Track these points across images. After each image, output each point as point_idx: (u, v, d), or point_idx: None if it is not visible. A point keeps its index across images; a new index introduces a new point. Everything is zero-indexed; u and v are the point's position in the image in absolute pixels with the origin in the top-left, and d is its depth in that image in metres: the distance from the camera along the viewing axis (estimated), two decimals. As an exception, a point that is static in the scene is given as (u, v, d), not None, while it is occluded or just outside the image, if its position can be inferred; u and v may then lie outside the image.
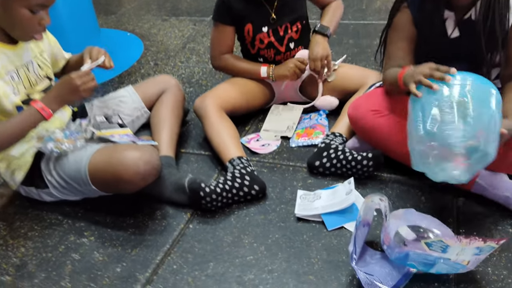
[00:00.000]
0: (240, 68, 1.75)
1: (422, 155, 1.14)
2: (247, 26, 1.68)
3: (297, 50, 1.75)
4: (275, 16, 1.68)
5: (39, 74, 1.42)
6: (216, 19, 1.71)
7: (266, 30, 1.68)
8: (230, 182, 1.37)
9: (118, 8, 3.43)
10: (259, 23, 1.68)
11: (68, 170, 1.34)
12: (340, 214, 1.30)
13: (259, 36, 1.69)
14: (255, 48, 1.74)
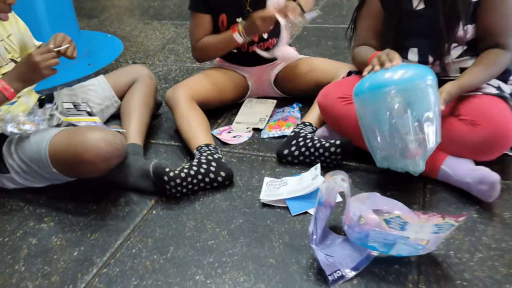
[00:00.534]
0: (215, 42, 1.69)
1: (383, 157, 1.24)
2: (221, 16, 1.68)
3: (271, 41, 1.75)
4: (250, 9, 1.68)
5: (5, 57, 1.40)
6: (192, 9, 1.71)
7: (240, 20, 1.68)
8: (196, 168, 1.35)
9: (102, 13, 3.44)
10: (233, 14, 1.68)
11: (29, 152, 1.32)
12: (304, 199, 1.28)
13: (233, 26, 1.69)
14: None
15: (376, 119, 1.19)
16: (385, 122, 1.16)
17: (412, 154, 1.17)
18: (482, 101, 1.26)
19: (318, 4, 3.17)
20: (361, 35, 1.46)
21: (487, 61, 1.28)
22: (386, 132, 1.17)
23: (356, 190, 1.31)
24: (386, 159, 1.23)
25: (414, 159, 1.18)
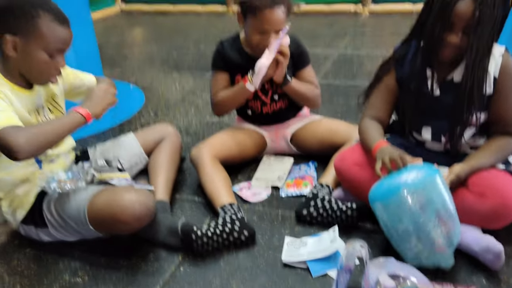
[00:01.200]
0: (231, 94, 1.80)
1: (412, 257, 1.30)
2: (237, 77, 1.82)
3: (282, 101, 1.87)
4: None
5: (48, 117, 1.52)
6: (212, 67, 1.86)
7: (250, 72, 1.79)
8: (221, 227, 1.44)
9: (123, 62, 3.63)
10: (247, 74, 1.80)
11: (68, 210, 1.42)
12: (324, 261, 1.37)
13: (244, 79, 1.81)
14: None
15: (398, 222, 1.26)
16: (408, 223, 1.24)
17: (441, 248, 1.24)
18: (490, 174, 1.36)
19: (329, 60, 3.34)
20: (373, 106, 1.55)
21: (497, 147, 1.39)
22: (412, 233, 1.25)
23: (371, 252, 1.39)
24: (415, 257, 1.29)
25: (444, 253, 1.25)
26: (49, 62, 1.35)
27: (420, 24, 1.39)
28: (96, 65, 2.67)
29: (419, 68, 1.44)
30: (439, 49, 1.36)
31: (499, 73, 1.37)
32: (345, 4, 4.89)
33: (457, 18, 1.28)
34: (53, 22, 1.31)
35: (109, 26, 4.99)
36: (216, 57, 1.85)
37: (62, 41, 1.35)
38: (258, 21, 1.64)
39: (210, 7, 5.35)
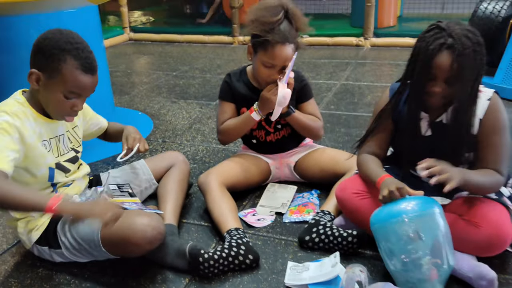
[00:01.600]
0: (236, 123, 1.89)
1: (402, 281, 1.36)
2: (242, 109, 1.92)
3: (285, 130, 1.96)
4: None
5: (67, 146, 1.61)
6: (220, 98, 1.96)
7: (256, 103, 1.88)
8: (227, 250, 1.51)
9: (132, 89, 3.75)
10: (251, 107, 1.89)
11: (82, 232, 1.49)
12: (325, 285, 1.42)
13: None
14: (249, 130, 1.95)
15: (393, 246, 1.33)
16: (402, 248, 1.31)
17: (433, 276, 1.30)
18: (483, 203, 1.44)
19: (331, 90, 3.45)
20: (370, 142, 1.63)
21: (485, 172, 1.45)
22: (404, 257, 1.31)
23: (370, 277, 1.45)
24: (406, 282, 1.35)
25: (432, 282, 1.30)
26: (65, 102, 1.45)
27: (409, 73, 1.47)
28: (108, 93, 2.78)
29: (411, 112, 1.51)
30: (426, 98, 1.46)
31: (484, 115, 1.45)
32: (347, 37, 5.05)
33: (437, 70, 1.37)
34: (76, 69, 1.41)
35: (118, 54, 5.15)
36: (224, 88, 1.95)
37: (81, 88, 1.45)
38: (268, 56, 1.73)
39: (216, 37, 5.52)
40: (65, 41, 1.41)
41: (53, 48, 1.40)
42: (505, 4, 3.27)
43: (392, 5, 5.30)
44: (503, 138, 1.46)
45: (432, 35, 1.39)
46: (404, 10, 6.24)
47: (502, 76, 3.17)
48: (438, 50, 1.36)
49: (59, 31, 1.44)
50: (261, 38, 1.72)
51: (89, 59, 1.44)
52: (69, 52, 1.40)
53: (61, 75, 1.41)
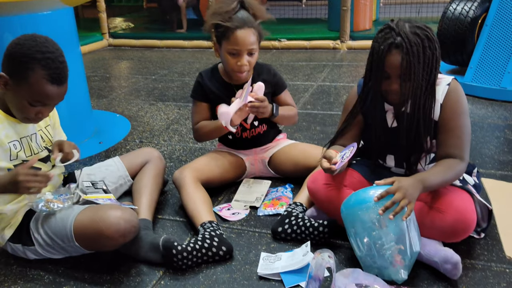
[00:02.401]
0: (210, 129, 1.92)
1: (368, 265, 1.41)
2: (218, 106, 1.93)
3: (261, 127, 2.01)
4: None
5: (40, 144, 1.61)
6: (192, 96, 2.00)
7: None
8: (200, 242, 1.53)
9: (110, 93, 3.75)
10: (228, 104, 1.92)
11: (55, 227, 1.49)
12: (297, 273, 1.46)
13: None
14: None
15: (359, 231, 1.38)
16: (368, 233, 1.36)
17: (393, 263, 1.34)
18: (447, 191, 1.48)
19: (308, 91, 3.51)
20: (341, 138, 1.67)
21: (446, 165, 1.47)
22: (368, 242, 1.36)
23: (341, 266, 1.49)
24: (370, 267, 1.40)
25: (396, 268, 1.35)
26: (29, 109, 1.45)
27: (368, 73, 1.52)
28: (84, 96, 2.78)
29: (376, 107, 1.57)
30: (385, 95, 1.52)
31: (443, 99, 1.50)
32: (324, 40, 5.13)
33: (389, 68, 1.43)
34: (43, 79, 1.40)
35: (97, 59, 5.14)
36: (196, 88, 1.98)
37: (46, 97, 1.43)
38: (231, 42, 1.79)
39: (195, 42, 5.55)
40: (37, 50, 1.39)
41: (23, 56, 1.39)
42: (473, 4, 3.38)
43: (368, 9, 5.42)
44: (464, 121, 1.50)
45: (383, 35, 1.44)
46: (380, 14, 6.37)
47: (472, 75, 3.27)
48: (388, 50, 1.41)
49: (33, 38, 1.42)
50: (221, 28, 1.79)
51: (58, 69, 1.42)
52: (38, 61, 1.39)
53: (27, 83, 1.40)
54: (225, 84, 1.94)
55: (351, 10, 5.02)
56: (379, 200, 1.34)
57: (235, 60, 1.83)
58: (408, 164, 1.59)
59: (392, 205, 1.32)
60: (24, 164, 1.40)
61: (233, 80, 1.89)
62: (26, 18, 2.36)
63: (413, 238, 1.36)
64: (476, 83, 3.21)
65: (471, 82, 3.23)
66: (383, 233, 1.34)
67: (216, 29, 1.84)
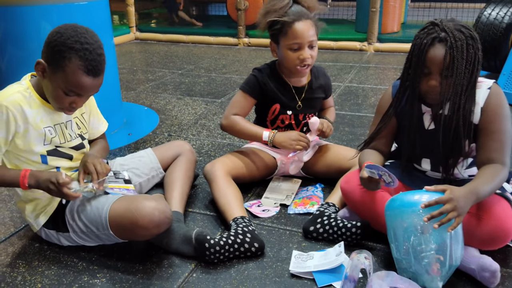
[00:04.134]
0: (245, 128, 1.91)
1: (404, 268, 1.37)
2: (275, 105, 1.93)
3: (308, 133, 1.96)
4: (301, 105, 1.95)
5: (75, 131, 1.63)
6: (243, 89, 1.93)
7: (290, 113, 1.94)
8: (233, 237, 1.53)
9: (138, 86, 3.78)
10: (286, 106, 1.94)
11: (90, 215, 1.51)
12: (330, 273, 1.44)
13: (282, 116, 1.94)
14: (274, 125, 1.97)
15: (400, 233, 1.34)
16: (408, 237, 1.32)
17: (433, 272, 1.31)
18: (488, 198, 1.45)
19: (335, 92, 3.48)
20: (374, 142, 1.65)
21: (491, 173, 1.42)
22: (409, 247, 1.32)
23: (374, 268, 1.47)
24: (406, 270, 1.36)
25: (431, 276, 1.31)
26: (64, 98, 1.46)
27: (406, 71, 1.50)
28: (115, 88, 2.81)
29: (413, 108, 1.52)
30: (424, 94, 1.48)
31: (484, 103, 1.47)
32: (351, 42, 5.09)
33: (431, 63, 1.39)
34: (79, 69, 1.40)
35: (124, 52, 5.19)
36: (251, 82, 1.92)
37: (81, 88, 1.44)
38: (290, 37, 1.78)
39: (221, 39, 5.56)
40: (76, 40, 1.40)
41: (62, 45, 1.40)
42: (509, 10, 3.31)
43: (397, 11, 5.35)
44: (505, 125, 1.46)
45: (426, 31, 1.42)
46: (408, 17, 6.29)
47: (505, 81, 3.20)
48: (431, 44, 1.38)
49: (74, 28, 1.43)
50: (277, 25, 1.78)
51: (95, 61, 1.42)
52: (76, 52, 1.40)
53: (63, 72, 1.41)
54: (284, 84, 1.93)
55: (380, 12, 4.97)
56: (426, 207, 1.30)
57: (297, 54, 1.80)
58: (445, 168, 1.56)
59: (439, 215, 1.28)
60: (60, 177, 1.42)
61: (293, 78, 1.90)
62: (63, 7, 2.39)
63: (455, 251, 1.32)
64: (509, 90, 3.14)
65: (504, 89, 3.17)
66: (424, 240, 1.30)
67: (271, 27, 1.82)
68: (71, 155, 1.61)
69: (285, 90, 1.93)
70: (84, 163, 1.55)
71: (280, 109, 1.94)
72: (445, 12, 6.25)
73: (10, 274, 1.50)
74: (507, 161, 1.46)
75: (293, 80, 1.93)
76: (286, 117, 1.95)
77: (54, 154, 1.55)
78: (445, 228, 1.28)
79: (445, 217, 1.28)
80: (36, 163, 1.53)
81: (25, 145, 1.49)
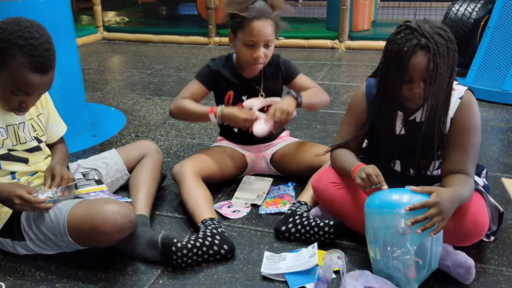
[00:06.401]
0: (193, 110, 1.82)
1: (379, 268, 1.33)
2: (229, 92, 1.88)
3: None
4: (263, 93, 1.89)
5: (30, 134, 1.53)
6: (196, 77, 1.90)
7: (245, 99, 1.87)
8: (201, 240, 1.46)
9: (104, 86, 3.65)
10: (240, 93, 1.88)
11: (47, 222, 1.41)
12: (302, 275, 1.39)
13: (239, 104, 1.86)
14: None
15: (380, 234, 1.29)
16: (388, 239, 1.27)
17: (406, 274, 1.26)
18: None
19: (307, 89, 3.44)
20: (344, 138, 1.59)
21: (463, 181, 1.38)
22: (388, 248, 1.27)
23: (348, 267, 1.43)
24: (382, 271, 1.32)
25: (407, 278, 1.27)
26: (11, 97, 1.37)
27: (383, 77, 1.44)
28: (79, 88, 2.69)
29: (388, 114, 1.49)
30: (404, 101, 1.43)
31: (454, 114, 1.43)
32: (322, 40, 5.08)
33: (414, 71, 1.34)
34: (24, 67, 1.31)
35: (91, 52, 5.03)
36: (205, 71, 1.90)
37: (28, 86, 1.34)
38: (247, 33, 1.73)
39: (192, 38, 5.46)
40: (19, 35, 1.30)
41: (4, 41, 1.30)
42: (476, 6, 3.34)
43: (367, 9, 5.37)
44: (473, 138, 1.43)
45: (403, 36, 1.36)
46: (378, 15, 6.33)
47: (473, 77, 3.23)
48: (413, 52, 1.33)
49: (17, 22, 1.33)
50: (237, 18, 1.73)
51: (41, 57, 1.32)
52: (20, 48, 1.29)
53: (8, 70, 1.31)
54: (238, 75, 1.88)
55: (350, 10, 4.97)
56: (411, 210, 1.24)
57: (251, 51, 1.76)
58: (417, 170, 1.53)
59: (424, 220, 1.23)
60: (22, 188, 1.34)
61: (246, 72, 1.83)
62: (20, 4, 2.27)
63: (435, 255, 1.28)
64: (478, 85, 3.17)
65: (473, 84, 3.20)
66: (405, 243, 1.25)
67: (232, 18, 1.77)
68: (26, 158, 1.51)
69: (238, 80, 1.87)
70: (51, 169, 1.47)
71: (234, 96, 1.89)
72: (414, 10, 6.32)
73: (-40, 287, 1.39)
74: (471, 173, 1.43)
75: (247, 72, 1.87)
76: (240, 104, 1.87)
77: (7, 158, 1.45)
78: (428, 233, 1.24)
79: (430, 221, 1.23)
80: None
81: None
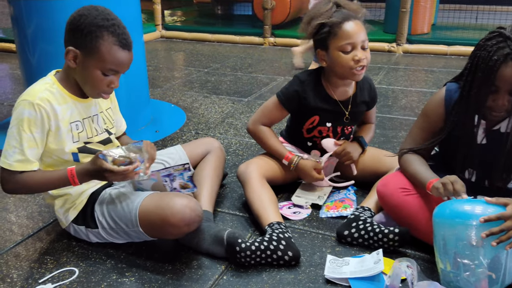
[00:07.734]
0: (269, 144, 1.86)
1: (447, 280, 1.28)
2: (314, 117, 1.83)
3: None
4: (349, 116, 1.85)
5: (101, 126, 1.60)
6: (280, 99, 1.82)
7: (329, 125, 1.85)
8: (266, 243, 1.46)
9: (164, 83, 3.76)
10: (326, 118, 1.84)
11: (120, 211, 1.48)
12: (367, 281, 1.37)
13: (321, 128, 1.84)
14: (311, 134, 1.87)
15: (451, 245, 1.24)
16: (459, 250, 1.22)
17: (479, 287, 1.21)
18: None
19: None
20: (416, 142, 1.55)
21: None
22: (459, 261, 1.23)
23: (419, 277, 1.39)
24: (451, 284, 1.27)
25: None
26: (103, 79, 1.43)
27: (468, 85, 1.38)
28: (144, 84, 2.78)
29: (470, 123, 1.43)
30: (487, 111, 1.38)
31: None
32: (379, 43, 4.98)
33: (501, 82, 1.29)
34: (114, 45, 1.39)
35: (150, 50, 5.19)
36: (292, 96, 1.80)
37: (119, 63, 1.42)
38: (342, 37, 1.65)
39: (247, 38, 5.52)
40: (102, 17, 1.39)
41: (90, 25, 1.37)
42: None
43: (427, 12, 5.21)
44: None
45: (494, 43, 1.30)
46: (438, 18, 6.14)
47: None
48: (503, 61, 1.27)
49: (94, 7, 1.42)
50: (326, 27, 1.68)
51: (125, 34, 1.42)
52: (106, 28, 1.38)
53: (99, 52, 1.39)
54: (326, 97, 1.81)
55: (410, 13, 4.85)
56: (486, 222, 1.20)
57: (351, 56, 1.66)
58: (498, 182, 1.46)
59: (499, 233, 1.18)
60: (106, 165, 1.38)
61: (338, 90, 1.81)
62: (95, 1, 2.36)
63: (510, 269, 1.23)
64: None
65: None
66: (478, 256, 1.21)
67: (318, 32, 1.70)
68: (100, 150, 1.58)
69: (327, 104, 1.81)
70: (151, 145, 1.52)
71: (319, 121, 1.84)
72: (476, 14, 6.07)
73: (38, 270, 1.48)
74: None
75: (338, 92, 1.81)
76: (324, 129, 1.85)
77: (84, 151, 1.53)
78: (503, 246, 1.19)
79: (505, 234, 1.18)
80: (68, 162, 1.50)
81: (57, 143, 1.46)
